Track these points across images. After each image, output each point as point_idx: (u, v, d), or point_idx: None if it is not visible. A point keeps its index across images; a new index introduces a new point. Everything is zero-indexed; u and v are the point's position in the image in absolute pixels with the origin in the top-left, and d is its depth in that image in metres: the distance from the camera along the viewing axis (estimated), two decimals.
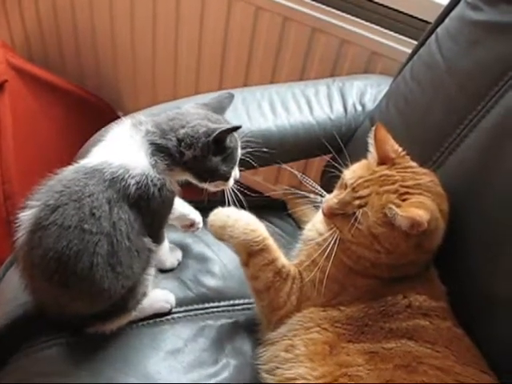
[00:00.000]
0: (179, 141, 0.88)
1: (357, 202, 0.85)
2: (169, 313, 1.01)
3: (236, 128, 0.91)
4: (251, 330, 1.01)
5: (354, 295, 0.89)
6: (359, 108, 1.29)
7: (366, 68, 1.51)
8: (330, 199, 0.90)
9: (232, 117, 1.19)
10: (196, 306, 1.04)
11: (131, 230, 0.85)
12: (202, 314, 1.03)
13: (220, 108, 0.99)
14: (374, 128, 0.93)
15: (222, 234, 0.95)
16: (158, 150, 0.88)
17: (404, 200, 0.83)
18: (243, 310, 1.06)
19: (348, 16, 1.47)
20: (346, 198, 0.87)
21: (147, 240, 0.90)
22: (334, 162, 0.96)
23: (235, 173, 0.97)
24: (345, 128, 1.23)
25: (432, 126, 1.04)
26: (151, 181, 0.85)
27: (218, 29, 1.71)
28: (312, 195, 0.95)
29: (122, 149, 0.88)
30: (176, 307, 1.02)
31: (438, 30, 1.13)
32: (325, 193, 0.93)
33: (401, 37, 1.43)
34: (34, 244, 0.81)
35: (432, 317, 0.85)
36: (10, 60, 1.80)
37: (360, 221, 0.84)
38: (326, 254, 0.87)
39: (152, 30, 1.86)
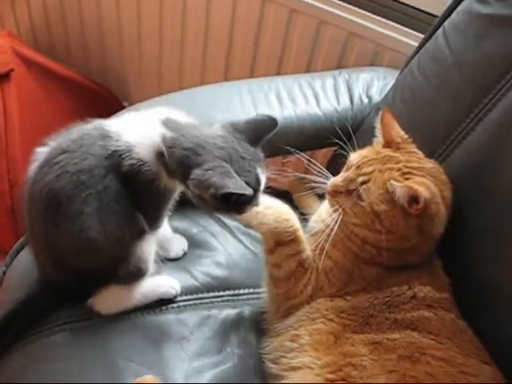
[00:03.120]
0: (187, 177, 0.83)
1: (360, 179, 0.86)
2: (174, 301, 1.01)
3: (245, 195, 0.82)
4: (256, 319, 1.02)
5: (361, 285, 0.89)
6: (365, 100, 1.29)
7: (372, 61, 1.50)
8: (335, 179, 0.92)
9: (239, 108, 1.20)
10: (201, 295, 1.04)
11: (121, 199, 0.87)
12: (206, 303, 1.03)
13: (256, 136, 0.89)
14: (380, 113, 0.95)
15: (249, 220, 0.92)
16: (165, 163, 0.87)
17: (406, 179, 0.84)
18: (248, 299, 1.06)
19: (355, 9, 1.47)
20: (350, 176, 0.88)
21: (140, 217, 0.91)
22: (341, 152, 0.96)
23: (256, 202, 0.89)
24: (351, 120, 1.23)
25: (438, 118, 1.04)
26: (146, 170, 0.86)
27: (224, 19, 1.71)
28: (318, 178, 0.95)
29: (140, 132, 0.88)
30: (181, 296, 1.02)
31: (446, 23, 1.13)
32: (330, 175, 0.94)
33: (407, 30, 1.43)
34: (39, 177, 0.87)
35: (436, 308, 0.86)
36: (16, 49, 1.81)
37: (362, 197, 0.85)
38: (330, 238, 0.88)
39: (158, 19, 1.86)
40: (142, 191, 0.89)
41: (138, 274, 0.95)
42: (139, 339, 0.95)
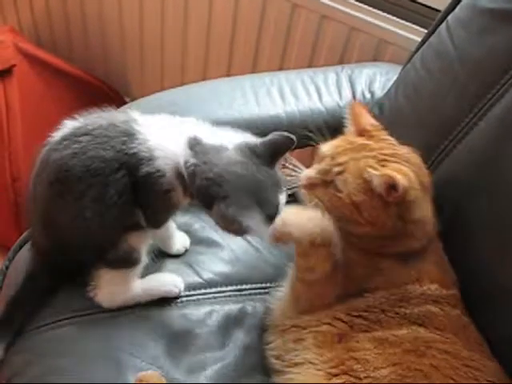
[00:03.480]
0: (208, 206, 0.85)
1: (336, 169, 0.85)
2: (177, 297, 1.01)
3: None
4: (258, 315, 1.02)
5: (376, 280, 0.87)
6: (368, 95, 1.28)
7: (374, 56, 1.50)
8: (308, 171, 0.90)
9: (241, 103, 1.20)
10: (204, 291, 1.04)
11: (125, 194, 0.87)
12: (209, 298, 1.03)
13: (273, 157, 0.88)
14: (349, 104, 0.94)
15: (282, 229, 0.86)
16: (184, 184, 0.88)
17: (382, 166, 0.83)
18: (250, 295, 1.06)
19: (357, 3, 1.47)
20: (325, 167, 0.87)
21: (140, 213, 0.92)
22: None
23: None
24: None
25: (441, 114, 1.04)
26: (162, 182, 0.87)
27: (226, 14, 1.70)
28: (293, 173, 0.92)
29: (165, 145, 0.88)
30: (184, 291, 1.02)
31: (449, 17, 1.12)
32: (304, 168, 0.92)
33: (410, 25, 1.42)
34: (58, 147, 0.88)
35: (443, 304, 0.85)
36: (19, 45, 1.81)
37: (340, 188, 0.84)
38: None
39: (160, 15, 1.85)
40: (151, 197, 0.89)
41: (128, 261, 0.95)
42: (141, 334, 0.95)
